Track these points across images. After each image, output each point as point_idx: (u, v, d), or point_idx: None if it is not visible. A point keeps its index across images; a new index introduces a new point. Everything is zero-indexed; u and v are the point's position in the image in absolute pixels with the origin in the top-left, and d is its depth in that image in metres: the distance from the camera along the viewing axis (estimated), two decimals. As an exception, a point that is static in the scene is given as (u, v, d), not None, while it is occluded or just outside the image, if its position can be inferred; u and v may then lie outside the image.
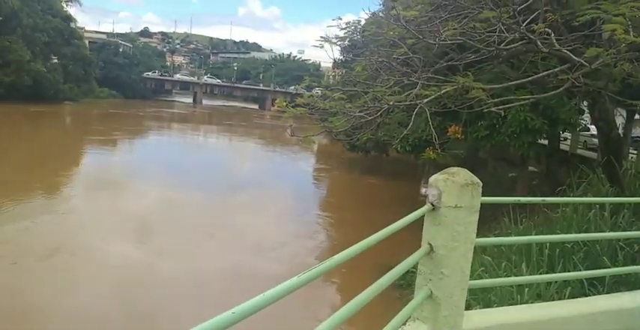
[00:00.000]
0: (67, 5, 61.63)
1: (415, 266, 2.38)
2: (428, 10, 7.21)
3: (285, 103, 7.41)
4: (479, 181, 2.10)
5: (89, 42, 63.95)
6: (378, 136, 10.72)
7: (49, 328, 7.41)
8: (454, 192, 2.05)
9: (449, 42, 5.53)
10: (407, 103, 5.45)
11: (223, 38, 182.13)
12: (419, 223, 2.07)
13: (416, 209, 2.04)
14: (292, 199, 17.66)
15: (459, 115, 9.24)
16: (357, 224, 13.75)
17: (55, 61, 49.89)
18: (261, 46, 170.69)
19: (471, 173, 2.11)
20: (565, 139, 17.26)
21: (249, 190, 18.33)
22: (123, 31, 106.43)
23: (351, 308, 1.53)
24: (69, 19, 54.18)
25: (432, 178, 2.12)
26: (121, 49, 73.85)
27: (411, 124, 5.76)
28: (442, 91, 5.19)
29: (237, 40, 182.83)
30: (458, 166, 2.26)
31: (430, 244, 2.19)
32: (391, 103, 5.58)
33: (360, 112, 6.35)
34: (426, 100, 5.23)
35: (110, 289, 8.63)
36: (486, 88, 5.31)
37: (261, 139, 41.09)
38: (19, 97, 42.22)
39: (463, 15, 5.69)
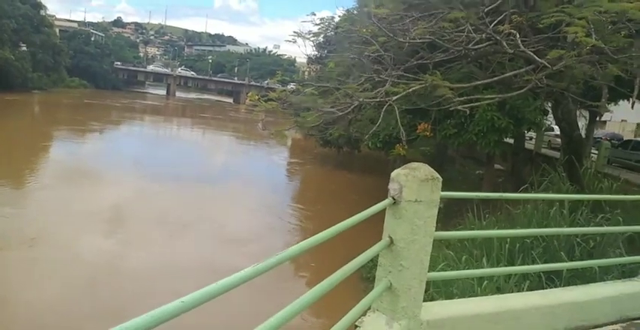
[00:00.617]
0: (36, -9, 59.95)
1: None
2: (399, 8, 7.29)
3: (257, 97, 7.42)
4: (439, 176, 2.16)
5: (60, 30, 62.16)
6: (350, 132, 10.80)
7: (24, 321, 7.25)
8: (414, 186, 2.10)
9: (419, 41, 5.62)
10: (377, 100, 5.52)
11: (199, 31, 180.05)
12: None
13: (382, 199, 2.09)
14: (266, 191, 17.61)
15: (429, 113, 9.39)
16: (330, 217, 13.81)
17: (24, 48, 48.31)
18: (236, 40, 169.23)
19: (431, 168, 2.16)
20: (530, 138, 17.68)
21: (223, 183, 18.24)
22: (95, 20, 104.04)
23: (313, 295, 1.57)
24: (39, 6, 52.58)
25: (394, 173, 2.17)
26: (92, 39, 71.91)
27: (379, 120, 5.84)
28: (410, 89, 5.28)
29: (213, 32, 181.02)
30: (427, 163, 2.30)
31: (390, 237, 2.23)
32: (361, 99, 5.64)
33: (331, 107, 6.40)
34: (395, 98, 5.31)
35: (81, 281, 8.47)
36: (454, 87, 5.42)
37: (235, 133, 40.77)
38: (-17, 85, 40.90)
39: (434, 15, 5.79)
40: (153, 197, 14.83)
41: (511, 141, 14.46)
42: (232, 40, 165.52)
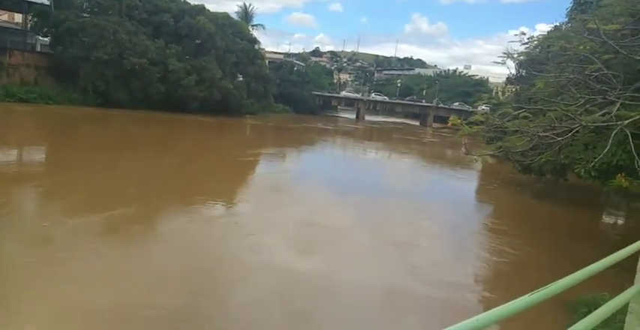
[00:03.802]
0: (252, 29, 69.34)
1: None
2: (628, 22, 6.50)
3: (459, 121, 7.32)
4: None
5: (268, 62, 70.43)
6: (559, 158, 9.83)
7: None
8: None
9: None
10: (605, 123, 4.94)
11: (388, 56, 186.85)
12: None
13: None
14: (454, 216, 17.09)
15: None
16: (529, 252, 12.80)
17: (241, 79, 55.95)
18: (425, 63, 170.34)
19: None
20: None
21: (408, 204, 18.28)
22: (297, 51, 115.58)
23: None
24: (254, 41, 60.40)
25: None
26: (295, 68, 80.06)
27: (608, 147, 5.21)
28: (652, 112, 4.61)
29: (402, 57, 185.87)
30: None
31: (647, 281, 2.01)
32: (584, 123, 5.10)
33: (543, 131, 5.96)
34: (627, 121, 4.68)
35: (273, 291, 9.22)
36: None
37: (420, 155, 40.76)
38: (209, 110, 48.70)
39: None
40: (341, 217, 15.56)
41: None
42: (421, 63, 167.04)
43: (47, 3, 44.87)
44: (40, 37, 50.07)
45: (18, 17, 54.07)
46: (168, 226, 12.35)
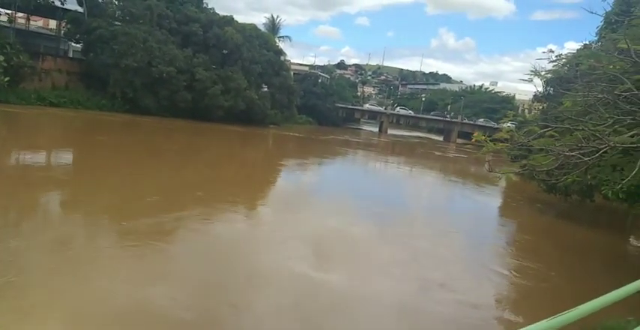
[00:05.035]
0: (279, 41, 70.19)
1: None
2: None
3: (483, 137, 7.26)
4: None
5: (293, 73, 70.98)
6: (585, 179, 9.62)
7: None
8: None
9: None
10: (632, 145, 4.83)
11: (413, 70, 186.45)
12: None
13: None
14: (476, 233, 16.83)
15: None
16: (551, 272, 12.54)
17: (265, 89, 56.48)
18: (450, 78, 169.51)
19: None
20: None
21: (431, 218, 18.16)
22: (322, 64, 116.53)
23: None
24: (280, 53, 61.04)
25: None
26: (319, 80, 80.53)
27: (636, 169, 5.09)
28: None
29: (427, 71, 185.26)
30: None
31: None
32: (612, 143, 5.00)
33: (570, 151, 5.86)
34: (658, 143, 4.57)
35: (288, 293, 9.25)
36: None
37: (444, 171, 40.39)
38: (233, 119, 49.22)
39: None
40: (362, 231, 15.48)
41: None
42: (446, 78, 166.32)
43: (81, 10, 46.27)
44: (73, 44, 51.58)
45: (52, 23, 55.96)
46: (219, 229, 13.38)
